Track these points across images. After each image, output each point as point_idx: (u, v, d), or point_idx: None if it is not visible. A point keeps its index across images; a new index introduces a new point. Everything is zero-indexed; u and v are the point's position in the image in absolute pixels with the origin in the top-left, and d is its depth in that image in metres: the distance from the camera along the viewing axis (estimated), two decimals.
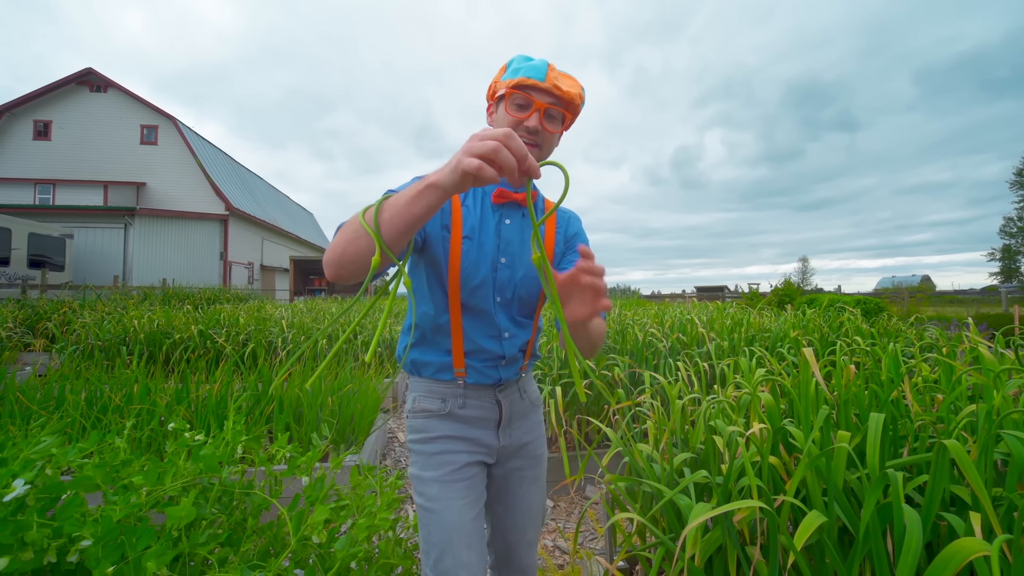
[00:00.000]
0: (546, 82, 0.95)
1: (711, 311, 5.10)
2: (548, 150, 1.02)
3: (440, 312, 1.02)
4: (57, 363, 4.50)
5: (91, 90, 20.04)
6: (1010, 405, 1.26)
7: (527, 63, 0.97)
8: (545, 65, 0.96)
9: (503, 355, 1.04)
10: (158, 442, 2.35)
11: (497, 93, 1.01)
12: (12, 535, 0.84)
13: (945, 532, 1.08)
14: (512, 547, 1.14)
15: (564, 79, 0.98)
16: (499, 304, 1.04)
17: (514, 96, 0.97)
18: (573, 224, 1.16)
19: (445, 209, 1.01)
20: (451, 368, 1.04)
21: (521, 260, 1.05)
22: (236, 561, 1.04)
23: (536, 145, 0.99)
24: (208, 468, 1.13)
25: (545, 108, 0.96)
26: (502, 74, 1.00)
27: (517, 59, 0.99)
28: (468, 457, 1.03)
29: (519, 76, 0.96)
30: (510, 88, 0.97)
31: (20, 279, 12.22)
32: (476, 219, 1.03)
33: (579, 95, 0.99)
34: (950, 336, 2.85)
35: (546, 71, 0.95)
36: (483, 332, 1.03)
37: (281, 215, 28.15)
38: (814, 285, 55.53)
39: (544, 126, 0.97)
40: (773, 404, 1.37)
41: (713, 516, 1.00)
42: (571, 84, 0.99)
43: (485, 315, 1.03)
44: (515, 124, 0.98)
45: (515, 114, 0.97)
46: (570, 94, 0.97)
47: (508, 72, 0.98)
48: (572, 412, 2.93)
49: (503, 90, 0.98)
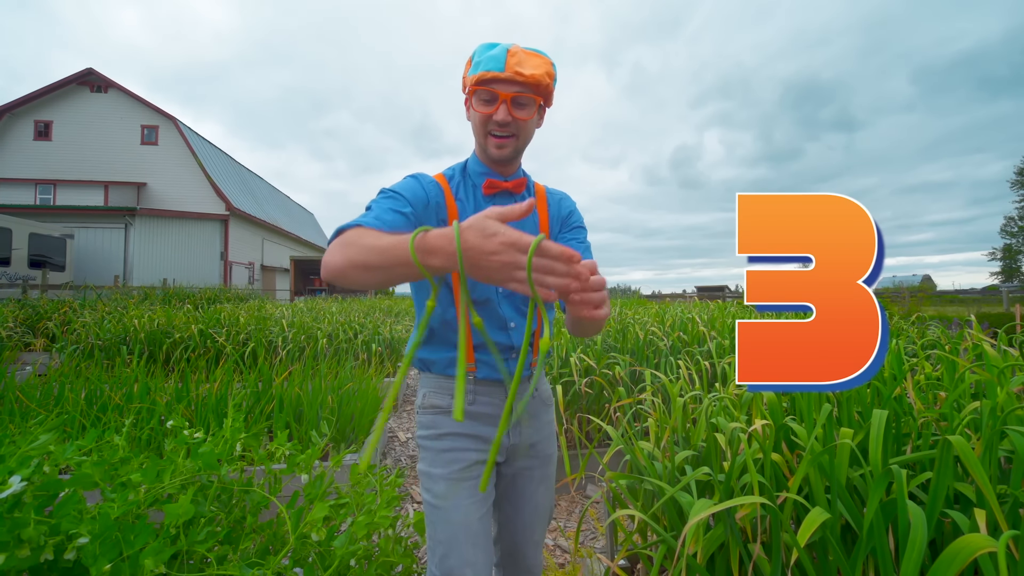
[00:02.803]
0: (506, 71, 0.91)
1: (712, 310, 5.09)
2: (526, 137, 1.00)
3: (446, 307, 1.02)
4: (57, 362, 4.49)
5: (92, 90, 20.07)
6: (1014, 401, 1.25)
7: (487, 53, 0.94)
8: (504, 52, 0.92)
9: (511, 345, 1.04)
10: (157, 440, 2.34)
11: (466, 89, 0.99)
12: (9, 532, 0.83)
13: (949, 529, 1.07)
14: (519, 546, 1.13)
15: (528, 60, 0.94)
16: (502, 295, 1.04)
17: (479, 92, 0.95)
18: (565, 204, 1.14)
19: (440, 204, 1.01)
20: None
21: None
22: (235, 559, 1.03)
23: (512, 135, 0.97)
24: (207, 466, 1.12)
25: (511, 98, 0.94)
26: (468, 69, 0.98)
27: (479, 50, 0.96)
28: (477, 455, 1.03)
29: (480, 71, 0.93)
30: (473, 85, 0.94)
31: (21, 279, 12.23)
32: (471, 211, 1.03)
33: (547, 73, 0.95)
34: (952, 335, 2.84)
35: (505, 59, 0.92)
36: (489, 324, 1.03)
37: (281, 215, 28.16)
38: None
39: (514, 115, 0.95)
40: (775, 401, 1.36)
41: (715, 513, 0.99)
42: (536, 64, 0.94)
43: (489, 306, 1.03)
44: (485, 119, 0.96)
45: (482, 110, 0.96)
46: (535, 76, 0.93)
47: (472, 66, 0.96)
48: (573, 410, 2.92)
49: (469, 87, 0.96)
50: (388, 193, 0.95)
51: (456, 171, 1.08)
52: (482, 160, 1.05)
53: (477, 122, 0.98)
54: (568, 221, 1.12)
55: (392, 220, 0.88)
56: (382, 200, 0.93)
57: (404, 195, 0.94)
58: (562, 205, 1.14)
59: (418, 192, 0.97)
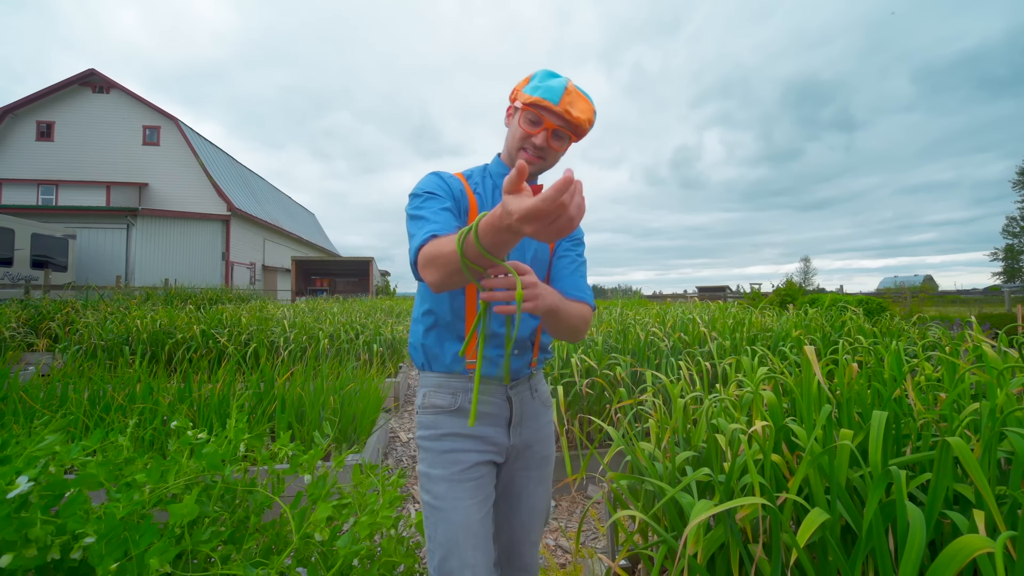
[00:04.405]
0: (559, 106, 0.99)
1: (713, 311, 5.09)
2: (552, 163, 1.09)
3: (456, 293, 1.05)
4: (60, 363, 4.50)
5: (93, 91, 20.10)
6: (1014, 403, 1.25)
7: (547, 82, 1.01)
8: (562, 88, 1.00)
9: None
10: (161, 441, 2.35)
11: (516, 103, 1.06)
12: (16, 532, 0.84)
13: (948, 530, 1.08)
14: (516, 546, 1.14)
15: (579, 103, 1.01)
16: None
17: (527, 112, 1.02)
18: None
19: (460, 199, 1.07)
20: (463, 360, 1.05)
21: (529, 243, 1.10)
22: (239, 559, 1.04)
23: (541, 159, 1.05)
24: (211, 466, 1.13)
25: (555, 129, 1.02)
26: (524, 85, 1.04)
27: (540, 75, 1.03)
28: (478, 456, 1.04)
29: (536, 95, 1.00)
30: (525, 104, 1.01)
31: (23, 279, 12.27)
32: (489, 204, 1.10)
33: (588, 120, 1.03)
34: (953, 335, 2.84)
35: (561, 94, 0.99)
36: (494, 316, 1.05)
37: (283, 215, 28.20)
38: (816, 285, 55.40)
39: (551, 144, 1.03)
40: (775, 402, 1.37)
41: (715, 514, 1.00)
42: (583, 109, 1.02)
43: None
44: (524, 137, 1.04)
45: (527, 128, 1.03)
46: (579, 119, 1.01)
47: (529, 86, 1.02)
48: (574, 411, 2.93)
49: (521, 103, 1.03)
50: (426, 196, 1.02)
51: (476, 172, 1.16)
52: (507, 164, 1.13)
53: (516, 136, 1.06)
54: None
55: (446, 219, 0.97)
56: (429, 202, 1.00)
57: (439, 192, 1.02)
58: None
59: (444, 187, 1.05)
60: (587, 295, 1.10)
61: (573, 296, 1.07)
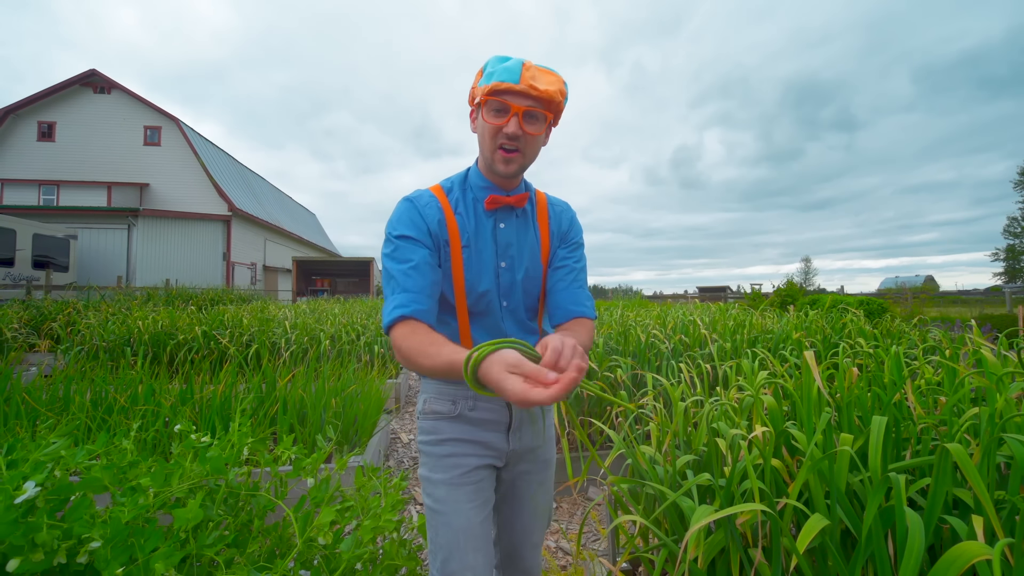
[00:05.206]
0: (521, 84, 0.91)
1: (713, 312, 5.09)
2: (532, 153, 1.00)
3: (449, 318, 1.04)
4: (62, 364, 4.52)
5: (95, 91, 20.14)
6: (1013, 408, 1.26)
7: (501, 65, 0.93)
8: (519, 65, 0.92)
9: None
10: (163, 443, 2.36)
11: (475, 100, 0.99)
12: (23, 536, 0.85)
13: (947, 535, 1.09)
14: (517, 548, 1.15)
15: (542, 76, 0.94)
16: (506, 309, 1.05)
17: (490, 102, 0.94)
18: (565, 217, 1.15)
19: (442, 221, 1.01)
20: None
21: (520, 262, 1.06)
22: (243, 562, 1.05)
23: (519, 151, 0.97)
24: (214, 470, 1.14)
25: (524, 111, 0.93)
26: (479, 79, 0.97)
27: (492, 61, 0.96)
28: (477, 460, 1.04)
29: (493, 81, 0.92)
30: (485, 95, 0.94)
31: (25, 280, 12.29)
32: (472, 227, 1.04)
33: (559, 91, 0.95)
34: (953, 338, 2.84)
35: (520, 72, 0.91)
36: (489, 338, 1.04)
37: (284, 215, 28.22)
38: (817, 285, 55.33)
39: (525, 129, 0.94)
40: (775, 407, 1.37)
41: (716, 519, 1.00)
42: (549, 81, 0.94)
43: (491, 321, 1.04)
44: (495, 131, 0.95)
45: (493, 120, 0.95)
46: (548, 92, 0.92)
47: (484, 77, 0.95)
48: (575, 413, 2.93)
49: (480, 97, 0.96)
50: (399, 242, 0.98)
51: (455, 183, 1.08)
52: (485, 174, 1.05)
53: (486, 134, 0.97)
54: (567, 237, 1.14)
55: (420, 280, 0.94)
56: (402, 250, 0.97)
57: (413, 234, 0.98)
58: (562, 218, 1.15)
59: (419, 223, 1.00)
60: (587, 308, 1.06)
61: (573, 314, 1.05)
